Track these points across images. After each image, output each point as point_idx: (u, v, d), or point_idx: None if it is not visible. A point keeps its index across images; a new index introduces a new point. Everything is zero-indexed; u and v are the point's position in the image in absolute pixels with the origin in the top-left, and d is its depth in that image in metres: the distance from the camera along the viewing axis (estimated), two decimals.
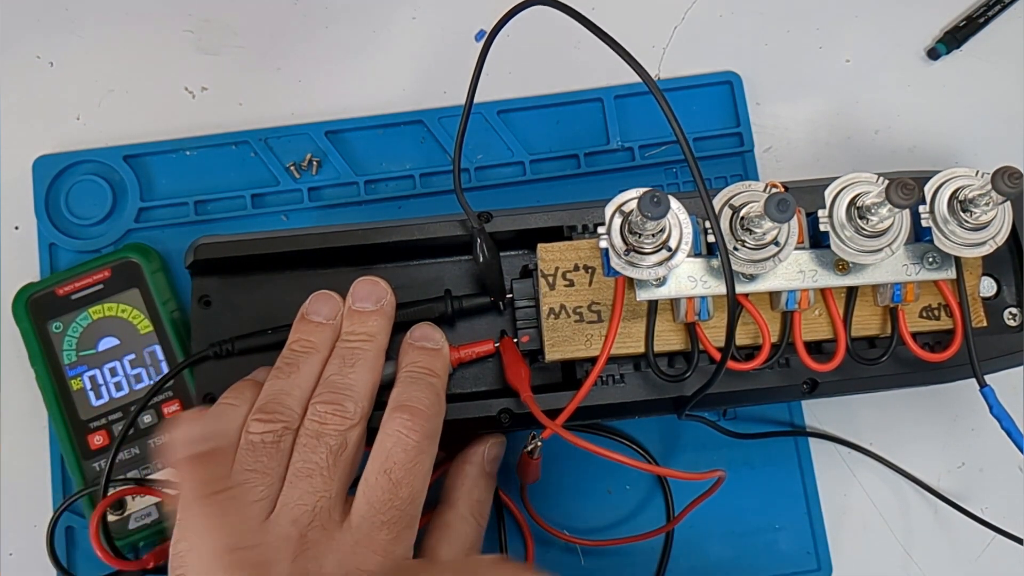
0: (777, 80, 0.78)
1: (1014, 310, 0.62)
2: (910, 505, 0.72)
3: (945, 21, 0.79)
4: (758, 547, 0.70)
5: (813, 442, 0.72)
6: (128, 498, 0.66)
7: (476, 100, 0.74)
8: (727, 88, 0.76)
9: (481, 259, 0.60)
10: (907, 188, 0.47)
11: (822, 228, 0.54)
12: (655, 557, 0.69)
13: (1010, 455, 0.72)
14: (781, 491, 0.71)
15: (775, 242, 0.53)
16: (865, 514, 0.72)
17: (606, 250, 0.52)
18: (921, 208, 0.54)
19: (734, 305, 0.50)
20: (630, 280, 0.55)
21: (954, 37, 0.77)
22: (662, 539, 0.70)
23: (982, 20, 0.78)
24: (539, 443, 0.58)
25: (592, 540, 0.69)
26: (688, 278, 0.55)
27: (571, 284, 0.58)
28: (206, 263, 0.62)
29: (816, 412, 0.72)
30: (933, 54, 0.78)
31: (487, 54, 0.59)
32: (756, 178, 0.75)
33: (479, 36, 0.78)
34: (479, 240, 0.60)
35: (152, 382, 0.68)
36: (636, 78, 0.76)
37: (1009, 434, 0.57)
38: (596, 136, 0.76)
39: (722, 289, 0.55)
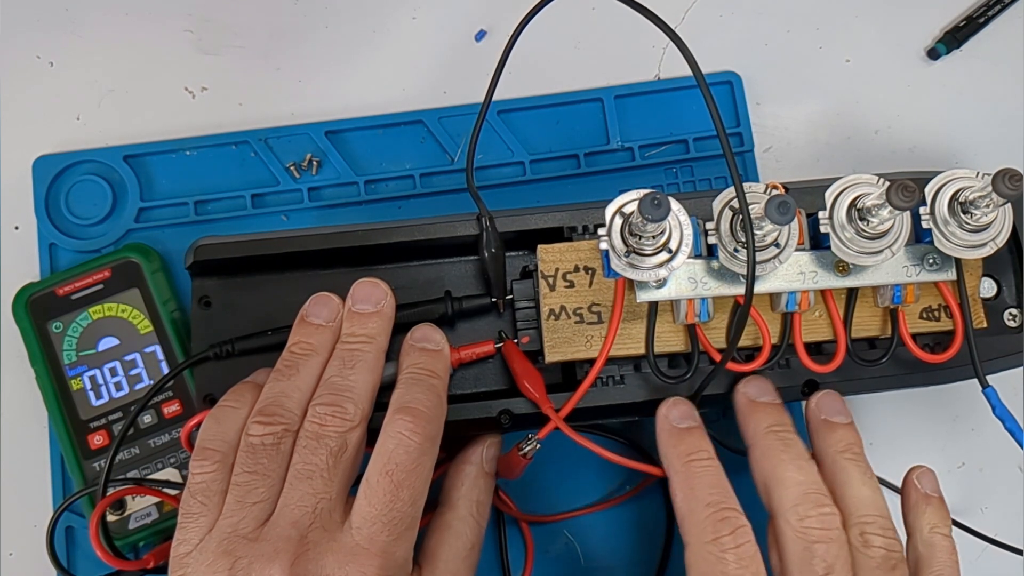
0: (777, 80, 0.78)
1: (1014, 311, 0.62)
2: None
3: (945, 21, 0.79)
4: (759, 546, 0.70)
5: None
6: (128, 498, 0.66)
7: (476, 100, 0.75)
8: (727, 88, 0.76)
9: (490, 251, 0.60)
10: (908, 190, 0.47)
11: (822, 230, 0.54)
12: (655, 557, 0.70)
13: (1010, 455, 0.72)
14: None
15: (775, 244, 0.53)
16: None
17: (606, 251, 0.52)
18: (922, 209, 0.54)
19: (748, 304, 0.51)
20: (630, 281, 0.55)
21: (954, 37, 0.77)
22: (662, 540, 0.70)
23: (982, 20, 0.78)
24: (537, 445, 0.58)
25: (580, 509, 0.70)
26: (688, 279, 0.55)
27: (571, 285, 0.58)
28: (206, 264, 0.61)
29: None
30: (933, 54, 0.78)
31: (514, 43, 0.60)
32: (756, 178, 0.75)
33: (479, 36, 0.78)
34: (486, 230, 0.60)
35: (152, 382, 0.68)
36: (636, 78, 0.77)
37: (1013, 434, 0.57)
38: (596, 136, 0.76)
39: (722, 291, 0.55)
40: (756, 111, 0.77)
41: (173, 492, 0.64)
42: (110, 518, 0.66)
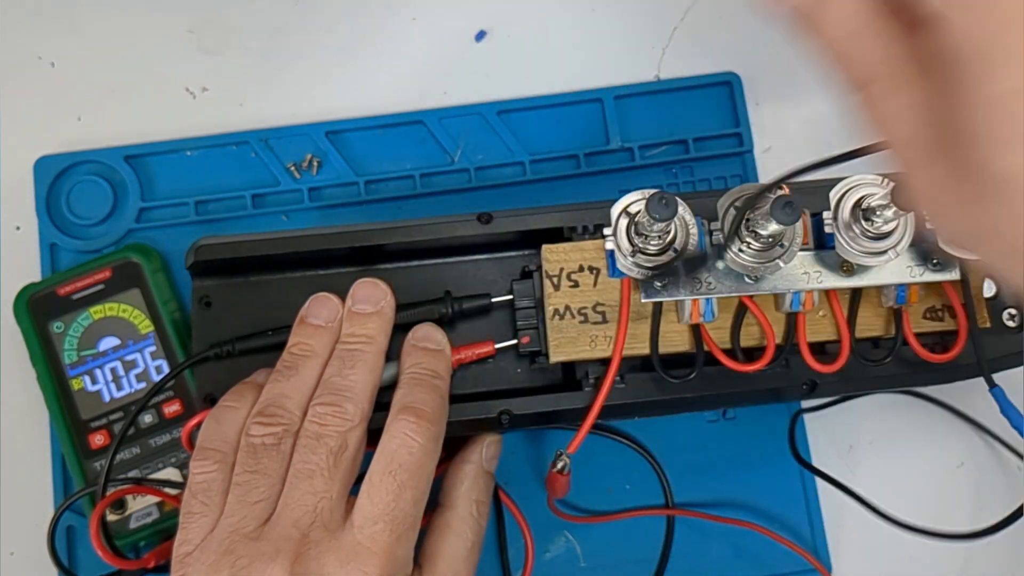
0: (777, 80, 0.78)
1: (1013, 310, 0.62)
2: (910, 505, 0.72)
3: None
4: (758, 547, 0.70)
5: (813, 443, 0.72)
6: (129, 497, 0.66)
7: (476, 100, 0.74)
8: (727, 88, 0.76)
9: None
10: None
11: (827, 230, 0.54)
12: (655, 557, 0.70)
13: (1010, 455, 0.73)
14: (781, 491, 0.71)
15: (780, 244, 0.53)
16: (865, 514, 0.72)
17: (612, 251, 0.53)
18: None
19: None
20: (635, 281, 0.55)
21: None
22: (662, 540, 0.70)
23: None
24: (567, 459, 0.57)
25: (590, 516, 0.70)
26: (692, 279, 0.55)
27: (576, 285, 0.58)
28: (207, 264, 0.61)
29: (816, 411, 0.72)
30: None
31: None
32: (756, 179, 0.75)
33: (479, 36, 0.78)
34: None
35: (152, 382, 0.68)
36: (636, 78, 0.76)
37: (1020, 432, 0.57)
38: (596, 136, 0.76)
39: (727, 291, 0.55)
40: (756, 111, 0.77)
41: (173, 492, 0.64)
42: (111, 517, 0.66)
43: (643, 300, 0.55)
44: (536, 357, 0.61)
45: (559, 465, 0.57)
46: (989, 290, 0.63)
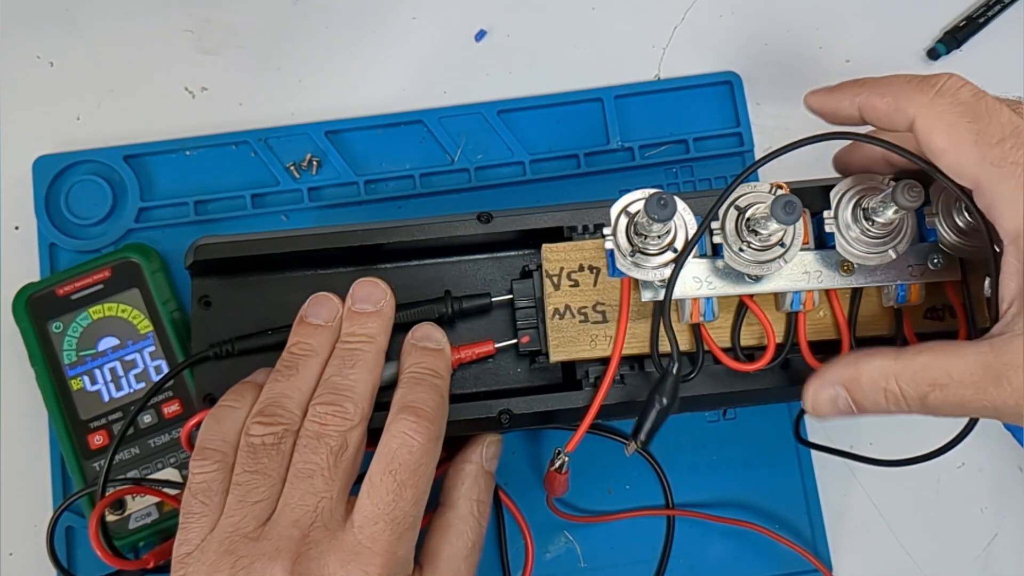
0: (777, 80, 0.78)
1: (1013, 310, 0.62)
2: (910, 505, 0.72)
3: (945, 21, 0.79)
4: (758, 547, 0.70)
5: None
6: (128, 498, 0.66)
7: (476, 100, 0.74)
8: (727, 88, 0.76)
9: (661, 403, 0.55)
10: (914, 190, 0.47)
11: (827, 229, 0.54)
12: (655, 556, 0.70)
13: (1010, 455, 0.72)
14: (781, 491, 0.71)
15: (780, 243, 0.53)
16: (865, 514, 0.72)
17: (611, 251, 0.52)
18: (926, 209, 0.54)
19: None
20: (635, 281, 0.55)
21: (954, 37, 0.78)
22: (662, 539, 0.70)
23: (982, 20, 0.78)
24: (566, 458, 0.57)
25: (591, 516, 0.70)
26: (693, 279, 0.55)
27: (576, 284, 0.58)
28: (206, 263, 0.61)
29: None
30: (933, 54, 0.78)
31: None
32: (756, 179, 0.75)
33: (479, 36, 0.77)
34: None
35: (152, 382, 0.67)
36: (636, 78, 0.76)
37: (1014, 434, 0.57)
38: (596, 136, 0.76)
39: (727, 290, 0.55)
40: (756, 111, 0.77)
41: (173, 492, 0.64)
42: (110, 518, 0.66)
43: (643, 299, 0.55)
44: (536, 357, 0.61)
45: (557, 463, 0.57)
46: (989, 290, 0.62)
